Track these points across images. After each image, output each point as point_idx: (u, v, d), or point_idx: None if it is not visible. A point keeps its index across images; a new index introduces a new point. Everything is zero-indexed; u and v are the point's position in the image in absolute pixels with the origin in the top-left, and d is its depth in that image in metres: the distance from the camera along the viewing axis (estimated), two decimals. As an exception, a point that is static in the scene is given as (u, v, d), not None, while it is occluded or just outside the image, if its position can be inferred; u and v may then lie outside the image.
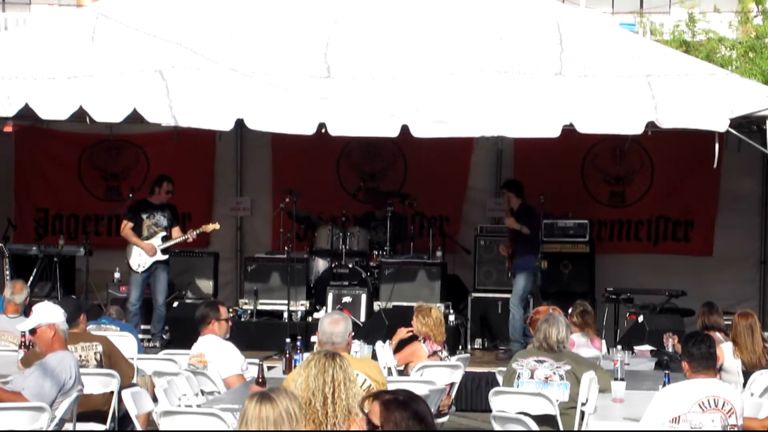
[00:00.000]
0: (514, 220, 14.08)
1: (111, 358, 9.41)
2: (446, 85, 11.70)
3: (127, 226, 14.29)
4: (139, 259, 14.16)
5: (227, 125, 11.54)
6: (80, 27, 12.41)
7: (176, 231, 14.31)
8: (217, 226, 14.37)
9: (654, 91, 11.42)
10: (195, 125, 11.53)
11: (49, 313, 8.54)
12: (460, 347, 14.23)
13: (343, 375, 5.79)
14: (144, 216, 14.23)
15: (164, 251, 14.19)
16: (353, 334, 8.01)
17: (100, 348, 9.42)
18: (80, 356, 9.23)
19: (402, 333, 11.06)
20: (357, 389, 5.82)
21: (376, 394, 5.10)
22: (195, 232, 14.18)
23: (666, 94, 11.39)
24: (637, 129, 11.35)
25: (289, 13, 12.56)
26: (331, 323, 7.81)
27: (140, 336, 14.03)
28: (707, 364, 7.47)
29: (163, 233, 14.19)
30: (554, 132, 11.34)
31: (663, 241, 16.15)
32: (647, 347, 11.74)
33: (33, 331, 8.53)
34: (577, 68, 11.79)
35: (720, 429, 7.25)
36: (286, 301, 14.46)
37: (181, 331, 13.39)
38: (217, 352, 9.51)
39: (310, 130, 11.37)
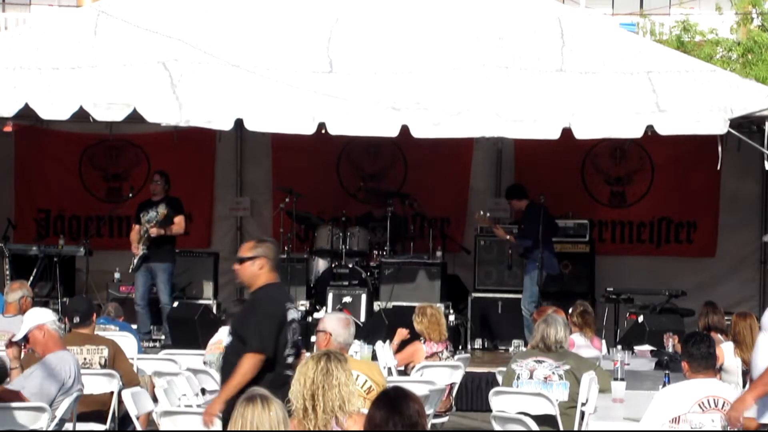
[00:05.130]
0: (503, 231, 14.40)
1: (115, 363, 9.38)
2: (448, 79, 11.69)
3: (133, 229, 14.34)
4: (132, 259, 14.19)
5: (227, 125, 11.54)
6: (82, 23, 12.47)
7: (179, 221, 14.15)
8: (164, 211, 14.02)
9: (655, 86, 11.43)
10: (194, 124, 11.53)
11: (35, 317, 8.55)
12: (460, 347, 14.21)
13: (341, 375, 5.79)
14: (141, 215, 14.23)
15: (148, 246, 14.02)
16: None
17: (105, 353, 9.38)
18: (84, 359, 9.21)
19: (403, 334, 11.07)
20: (354, 389, 5.83)
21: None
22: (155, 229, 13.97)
23: (667, 91, 11.39)
24: (635, 133, 11.36)
25: (291, 9, 12.58)
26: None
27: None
28: (707, 364, 7.48)
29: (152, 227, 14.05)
30: (554, 134, 11.34)
31: (666, 244, 16.11)
32: (647, 347, 11.72)
33: (27, 339, 8.54)
34: (579, 64, 11.79)
35: (720, 429, 7.25)
36: (286, 301, 14.42)
37: (181, 331, 13.36)
38: None
39: (309, 129, 11.37)
